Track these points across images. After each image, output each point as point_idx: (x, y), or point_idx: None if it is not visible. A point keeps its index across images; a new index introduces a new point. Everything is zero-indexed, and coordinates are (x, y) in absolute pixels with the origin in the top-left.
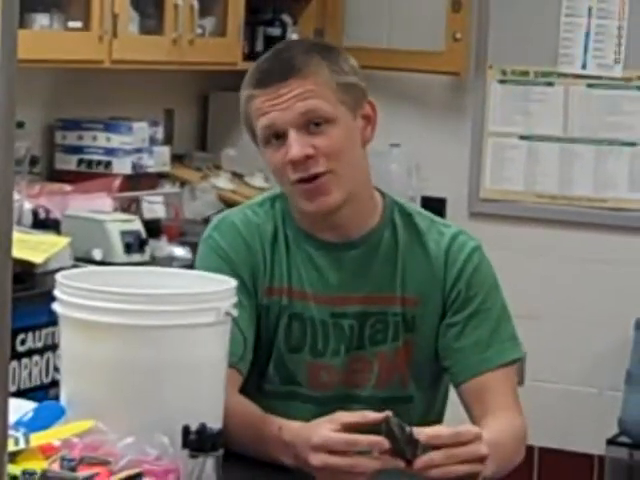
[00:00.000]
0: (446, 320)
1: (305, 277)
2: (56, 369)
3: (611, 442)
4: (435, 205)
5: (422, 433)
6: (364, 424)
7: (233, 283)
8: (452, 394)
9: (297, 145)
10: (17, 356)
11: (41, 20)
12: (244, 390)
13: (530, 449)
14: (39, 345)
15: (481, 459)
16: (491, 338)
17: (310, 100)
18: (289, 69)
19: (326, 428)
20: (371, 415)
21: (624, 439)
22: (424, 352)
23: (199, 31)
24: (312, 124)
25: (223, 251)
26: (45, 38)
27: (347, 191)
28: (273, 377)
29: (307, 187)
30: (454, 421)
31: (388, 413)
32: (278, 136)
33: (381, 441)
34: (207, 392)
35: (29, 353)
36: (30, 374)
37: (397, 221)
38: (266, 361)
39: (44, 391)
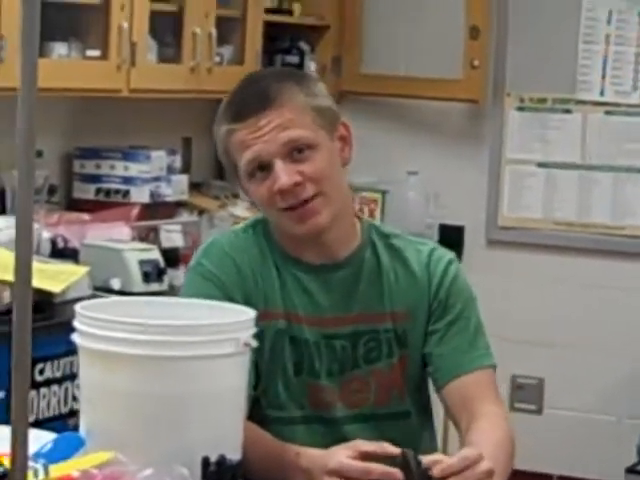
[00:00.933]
0: (428, 328)
1: (297, 300)
2: (74, 399)
3: (630, 470)
4: (453, 233)
5: (436, 468)
6: (381, 455)
7: (252, 314)
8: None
9: (285, 174)
10: (36, 386)
11: (59, 49)
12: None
13: (549, 477)
14: (58, 375)
15: (490, 474)
16: (469, 345)
17: (291, 129)
18: (265, 99)
19: (343, 454)
20: (389, 447)
21: None
22: (417, 365)
23: (217, 59)
24: (295, 152)
25: (214, 276)
26: (63, 67)
27: (335, 211)
28: (285, 403)
29: (298, 212)
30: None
31: (406, 450)
32: (262, 168)
33: (395, 473)
34: (227, 423)
35: (48, 383)
36: (49, 404)
37: (376, 242)
38: (271, 386)
39: (63, 421)
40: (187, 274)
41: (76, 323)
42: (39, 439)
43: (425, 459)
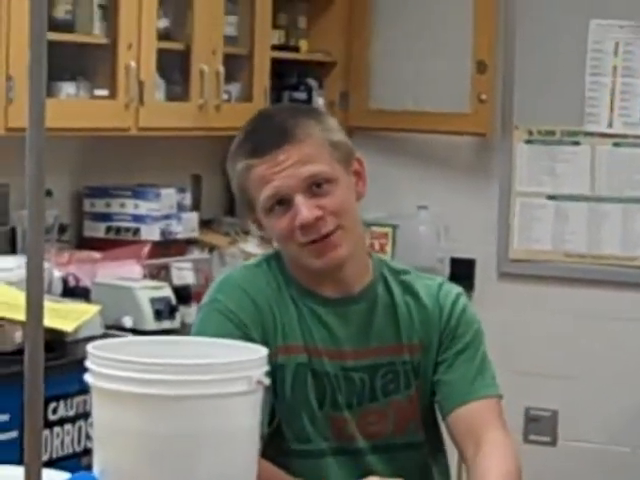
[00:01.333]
0: (438, 357)
1: (316, 333)
2: (88, 437)
3: None
4: (464, 266)
5: None
6: None
7: (264, 351)
8: None
9: (306, 209)
10: (49, 425)
11: (67, 89)
12: (265, 453)
13: None
14: (71, 413)
15: None
16: (477, 374)
17: (310, 164)
18: (283, 134)
19: None
20: None
21: None
22: (428, 394)
23: (225, 97)
24: (314, 186)
25: (232, 313)
26: (72, 106)
27: (353, 244)
28: (311, 436)
29: (318, 246)
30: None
31: None
32: (282, 202)
33: None
34: (239, 462)
35: (61, 422)
36: (62, 443)
37: (388, 277)
38: (295, 420)
39: (76, 459)
40: (201, 310)
41: (88, 363)
42: (53, 478)
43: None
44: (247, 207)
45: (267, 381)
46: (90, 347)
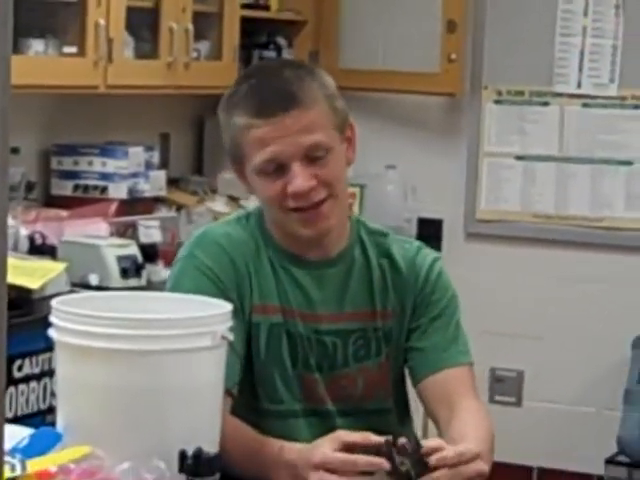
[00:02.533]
0: (412, 324)
1: (291, 295)
2: (53, 395)
3: (610, 461)
4: (431, 226)
5: (433, 456)
6: (365, 445)
7: (229, 307)
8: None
9: (301, 178)
10: (14, 382)
11: (36, 46)
12: (236, 411)
13: (529, 469)
14: (36, 371)
15: (481, 475)
16: (451, 341)
17: (314, 133)
18: (291, 98)
19: (327, 447)
20: (372, 437)
21: (623, 458)
22: (398, 361)
23: (194, 55)
24: (312, 153)
25: (210, 270)
26: (40, 64)
27: (340, 213)
28: (283, 396)
29: (307, 215)
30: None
31: (389, 437)
32: (277, 167)
33: (381, 462)
34: (204, 416)
35: (26, 379)
36: (27, 400)
37: (365, 239)
38: (268, 380)
39: (41, 417)
40: (177, 264)
41: (52, 318)
42: (16, 435)
43: (426, 444)
44: (234, 159)
45: (231, 336)
46: (54, 302)
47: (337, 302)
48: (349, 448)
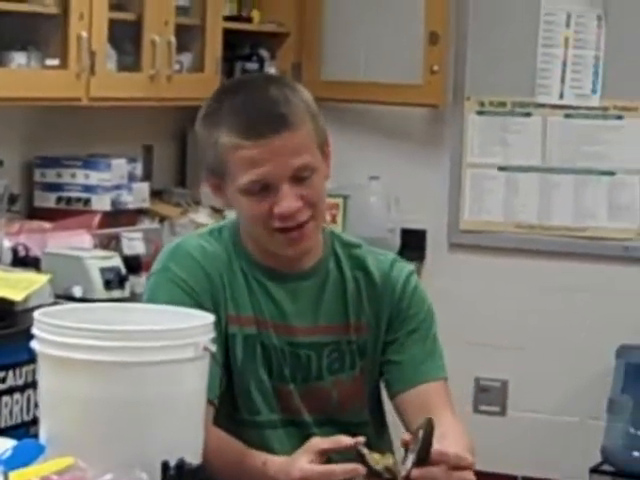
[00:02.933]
0: (387, 337)
1: (264, 306)
2: (37, 406)
3: (594, 471)
4: (415, 237)
5: (436, 450)
6: (338, 449)
7: (211, 318)
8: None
9: (289, 200)
10: None
11: (18, 59)
12: (217, 422)
13: (513, 478)
14: (20, 383)
15: None
16: (428, 355)
17: (303, 154)
18: (281, 120)
19: (304, 461)
20: (344, 440)
21: (607, 467)
22: (374, 375)
23: (177, 67)
24: (300, 174)
25: (184, 282)
26: (22, 76)
27: (319, 232)
28: (260, 407)
29: (291, 235)
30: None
31: (359, 438)
32: (262, 187)
33: (356, 468)
34: (186, 427)
35: (10, 391)
36: (11, 412)
37: (339, 252)
38: (245, 391)
39: (25, 429)
40: (152, 277)
41: (35, 330)
42: None
43: (436, 437)
44: (213, 175)
45: (214, 348)
46: (37, 314)
47: (311, 315)
48: (323, 455)
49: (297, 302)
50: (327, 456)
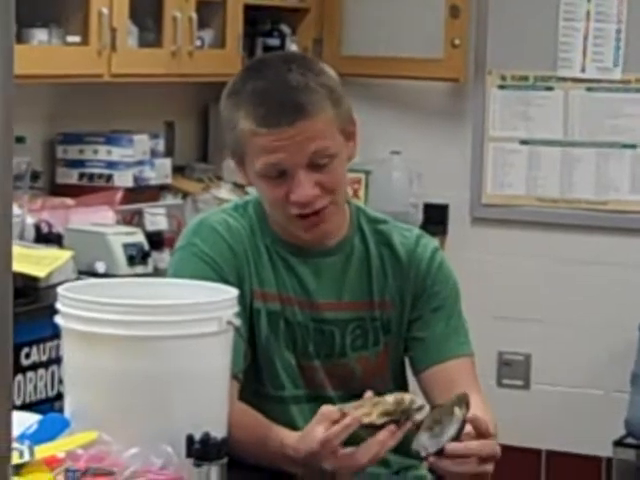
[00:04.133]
0: (412, 314)
1: (288, 283)
2: (61, 382)
3: (618, 444)
4: (437, 212)
5: (473, 421)
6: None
7: (235, 292)
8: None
9: (305, 187)
10: (22, 370)
11: (39, 35)
12: (242, 396)
13: (537, 452)
14: (44, 358)
15: (493, 459)
16: (452, 332)
17: (319, 140)
18: (298, 110)
19: (318, 432)
20: (356, 402)
21: (631, 440)
22: (399, 351)
23: (198, 43)
24: (316, 160)
25: (209, 257)
26: (44, 53)
27: (340, 215)
28: (285, 382)
29: (309, 221)
30: None
31: (367, 394)
32: (279, 171)
33: (352, 421)
34: (210, 401)
35: (34, 367)
36: (35, 387)
37: (364, 227)
38: (270, 367)
39: (50, 404)
40: (177, 253)
41: (58, 305)
42: (24, 421)
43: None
44: (235, 155)
45: (238, 322)
46: (61, 289)
47: (335, 291)
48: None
49: (321, 278)
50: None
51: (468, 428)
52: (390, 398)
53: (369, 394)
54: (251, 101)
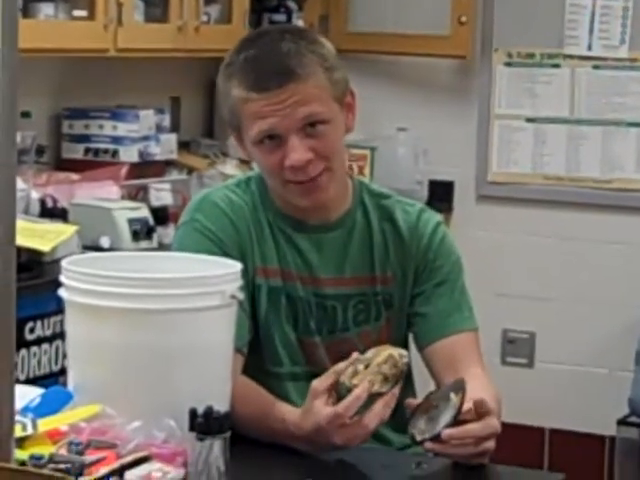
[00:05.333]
0: (415, 289)
1: (290, 258)
2: (65, 357)
3: (622, 422)
4: (443, 189)
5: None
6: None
7: (238, 266)
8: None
9: (298, 151)
10: (26, 344)
11: (46, 9)
12: (246, 371)
13: (541, 430)
14: (48, 333)
15: (493, 436)
16: (456, 307)
17: (310, 105)
18: (288, 73)
19: (321, 405)
20: (339, 367)
21: (635, 419)
22: (401, 326)
23: (204, 18)
24: (309, 126)
25: (211, 232)
26: (50, 27)
27: (338, 183)
28: (283, 359)
29: (305, 187)
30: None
31: (353, 355)
32: (273, 137)
33: (361, 392)
34: (214, 375)
35: (38, 341)
36: (39, 362)
37: (367, 202)
38: (269, 343)
39: (54, 379)
40: (180, 229)
41: (62, 278)
42: (27, 394)
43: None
44: (233, 127)
45: (241, 296)
46: (65, 262)
47: (337, 266)
48: (331, 391)
49: (322, 253)
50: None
51: (467, 406)
52: (379, 358)
53: (355, 355)
54: (243, 69)
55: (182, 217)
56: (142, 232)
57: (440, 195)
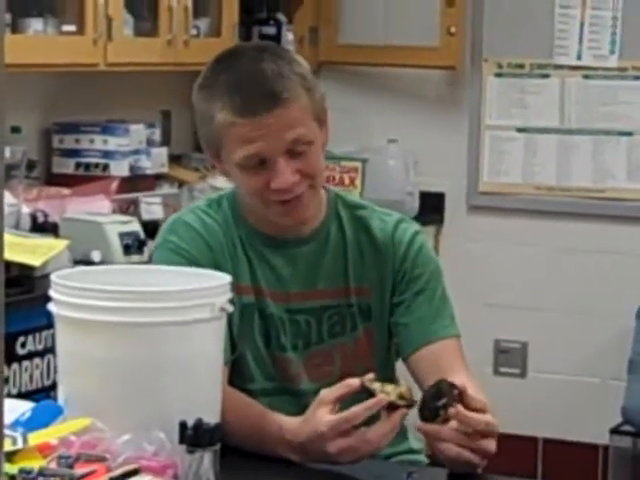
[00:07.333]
0: (394, 299)
1: (261, 275)
2: (57, 371)
3: (615, 431)
4: (434, 200)
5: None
6: (349, 394)
7: (227, 279)
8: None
9: (286, 174)
10: (18, 359)
11: (35, 25)
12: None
13: (534, 440)
14: (39, 347)
15: (493, 434)
16: (435, 315)
17: (296, 128)
18: (274, 98)
19: (324, 413)
20: (352, 382)
21: (628, 428)
22: (383, 337)
23: (194, 32)
24: (293, 147)
25: (185, 251)
26: (39, 43)
27: (318, 200)
28: (255, 375)
29: (289, 205)
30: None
31: (368, 375)
32: (259, 161)
33: (379, 400)
34: (203, 388)
35: (30, 356)
36: (31, 377)
37: (342, 214)
38: (240, 359)
39: (45, 393)
40: (155, 252)
41: (52, 292)
42: (18, 408)
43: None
44: (212, 147)
45: (230, 308)
46: (54, 276)
47: (309, 280)
48: (338, 403)
49: (295, 267)
50: (340, 406)
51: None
52: (390, 387)
53: (370, 376)
54: (227, 92)
55: (156, 240)
56: (133, 246)
57: (431, 206)
